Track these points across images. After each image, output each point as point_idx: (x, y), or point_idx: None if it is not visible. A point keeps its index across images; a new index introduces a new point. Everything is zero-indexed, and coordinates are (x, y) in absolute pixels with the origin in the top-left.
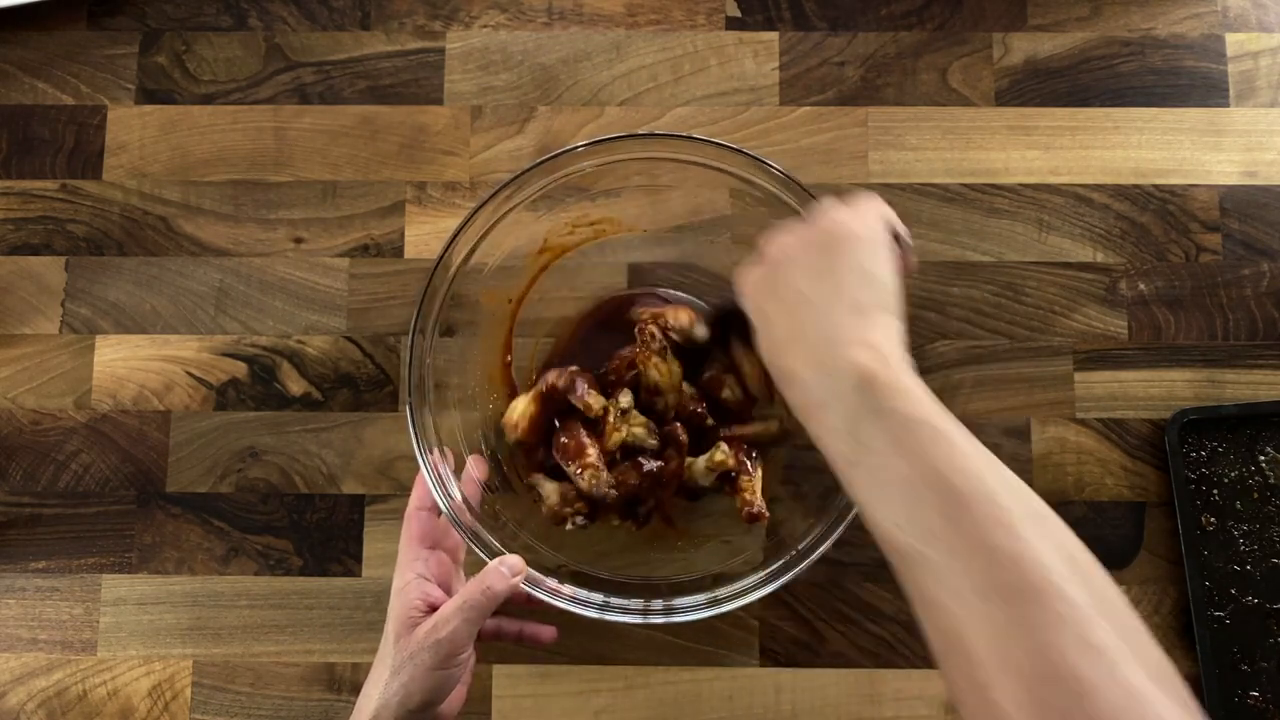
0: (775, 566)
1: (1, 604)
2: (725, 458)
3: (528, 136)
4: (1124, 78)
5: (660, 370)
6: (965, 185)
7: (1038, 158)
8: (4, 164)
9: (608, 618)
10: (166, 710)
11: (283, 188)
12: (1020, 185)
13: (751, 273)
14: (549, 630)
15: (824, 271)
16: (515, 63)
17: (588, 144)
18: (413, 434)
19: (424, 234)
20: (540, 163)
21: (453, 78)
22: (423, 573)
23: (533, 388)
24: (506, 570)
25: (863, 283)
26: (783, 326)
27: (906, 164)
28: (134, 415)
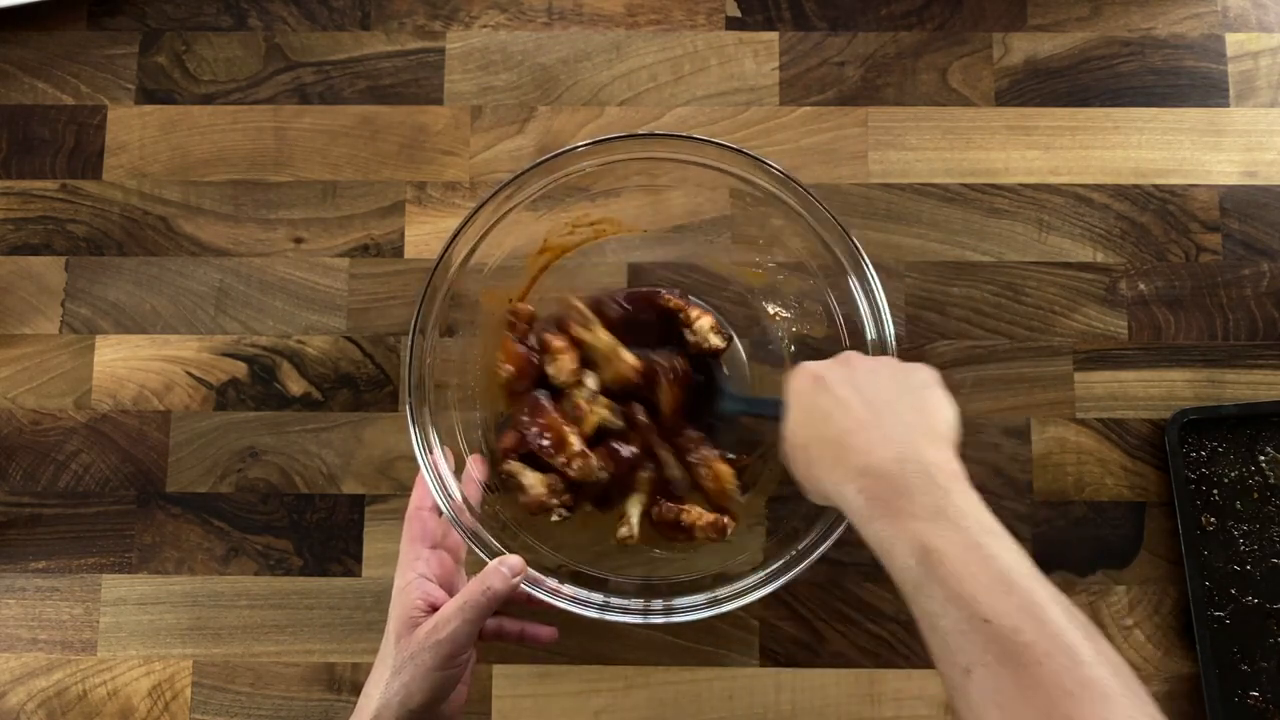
0: (775, 566)
1: (1, 604)
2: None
3: (528, 136)
4: (1124, 78)
5: (601, 339)
6: (965, 185)
7: (1038, 158)
8: (4, 164)
9: (608, 618)
10: (166, 710)
11: (283, 188)
12: (1020, 185)
13: (816, 365)
14: (549, 630)
15: (916, 394)
16: (515, 63)
17: (588, 144)
18: (413, 434)
19: (424, 234)
20: (540, 163)
21: (453, 78)
22: (424, 573)
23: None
24: (507, 570)
25: (943, 420)
26: (854, 415)
27: (906, 164)
28: (134, 415)
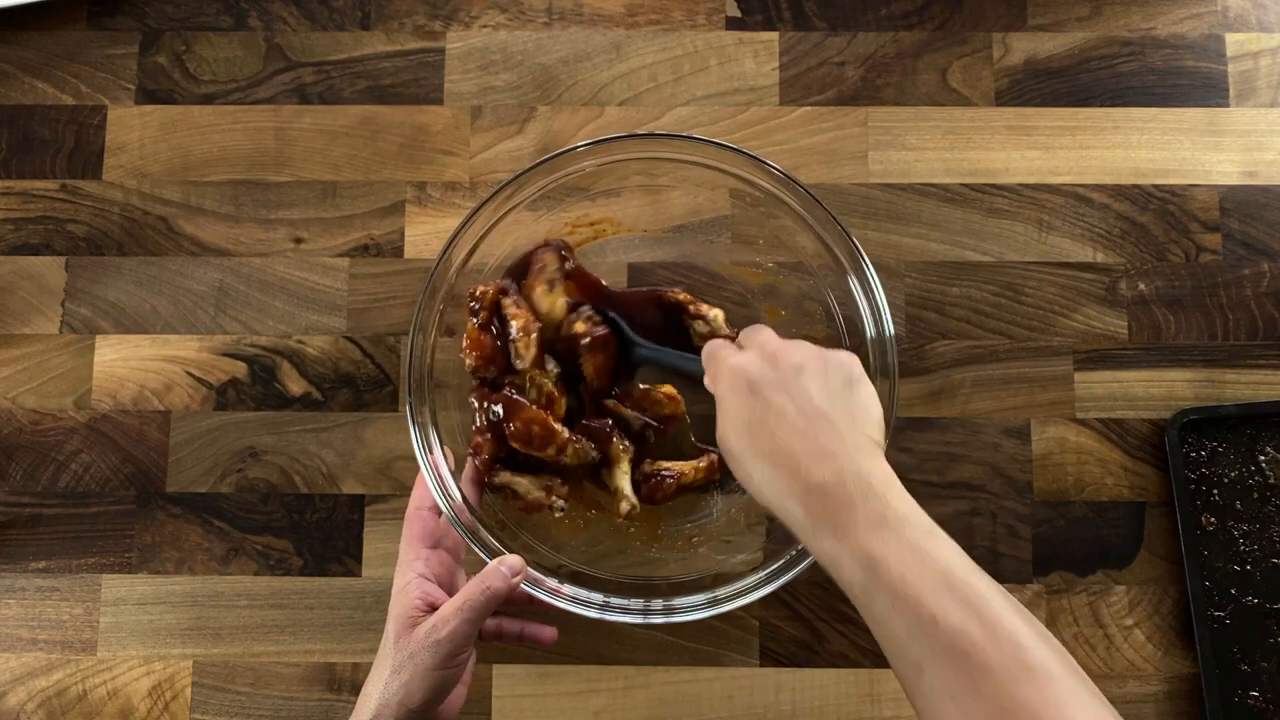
0: (775, 566)
1: (1, 604)
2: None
3: (528, 136)
4: (1124, 78)
5: (548, 301)
6: (965, 185)
7: (1038, 158)
8: (4, 164)
9: (608, 618)
10: (166, 710)
11: (283, 188)
12: (1020, 185)
13: (739, 356)
14: (549, 630)
15: (848, 396)
16: (515, 63)
17: (588, 144)
18: (413, 434)
19: (424, 234)
20: (540, 163)
21: (453, 78)
22: (423, 572)
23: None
24: (506, 570)
25: (870, 422)
26: (790, 426)
27: (906, 164)
28: (134, 415)
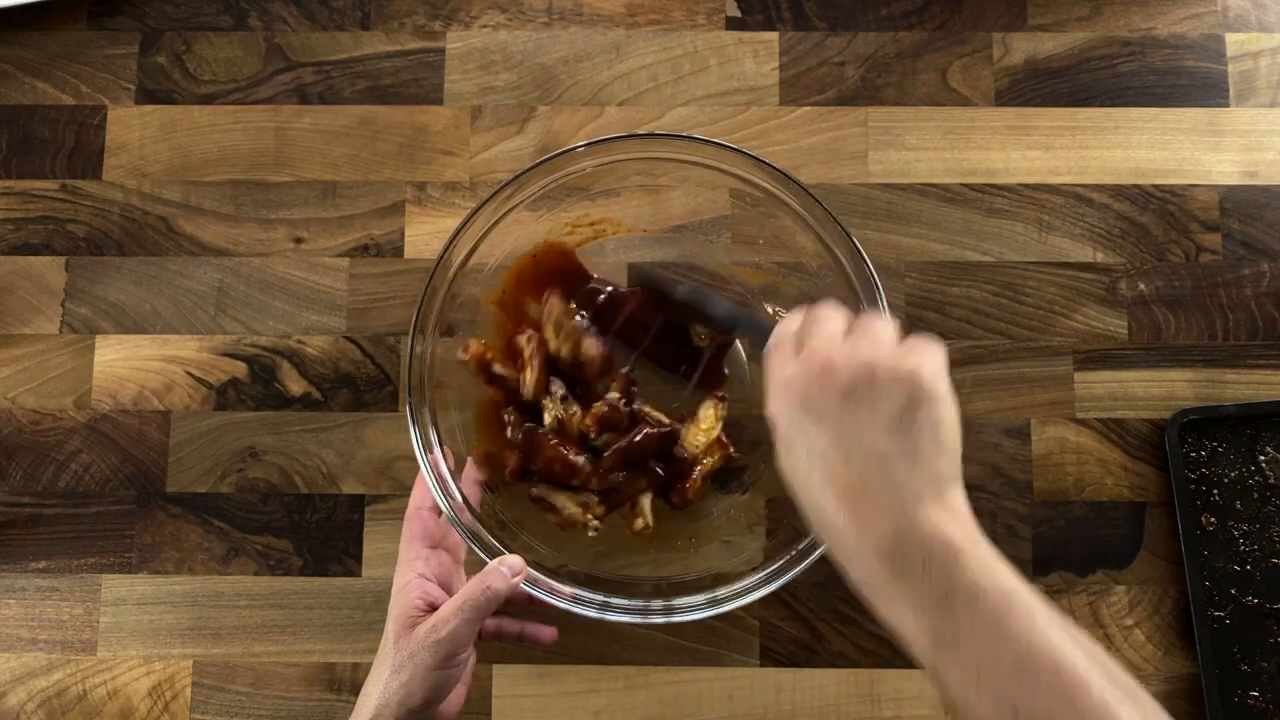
0: (775, 566)
1: (1, 604)
2: (712, 425)
3: (528, 136)
4: (1124, 78)
5: (555, 345)
6: (965, 185)
7: (1037, 158)
8: (4, 164)
9: (608, 618)
10: (166, 710)
11: (283, 188)
12: (1020, 185)
13: (788, 369)
14: (549, 630)
15: (904, 428)
16: (515, 63)
17: (588, 144)
18: (413, 434)
19: (424, 234)
20: (540, 163)
21: (453, 78)
22: (423, 572)
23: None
24: (506, 570)
25: (940, 451)
26: (845, 473)
27: (906, 164)
28: (134, 415)
